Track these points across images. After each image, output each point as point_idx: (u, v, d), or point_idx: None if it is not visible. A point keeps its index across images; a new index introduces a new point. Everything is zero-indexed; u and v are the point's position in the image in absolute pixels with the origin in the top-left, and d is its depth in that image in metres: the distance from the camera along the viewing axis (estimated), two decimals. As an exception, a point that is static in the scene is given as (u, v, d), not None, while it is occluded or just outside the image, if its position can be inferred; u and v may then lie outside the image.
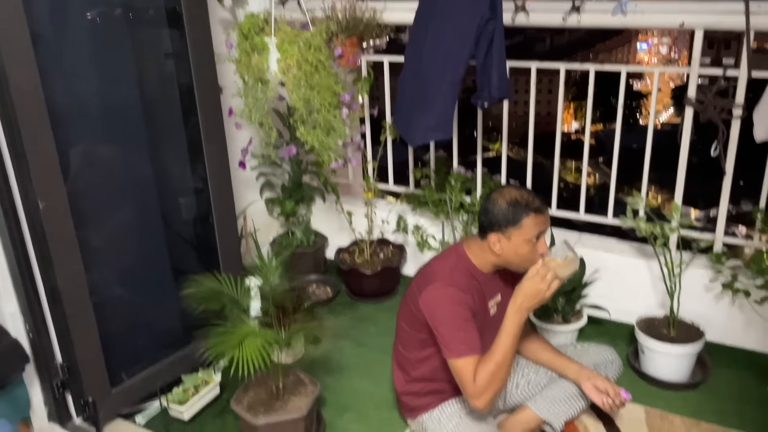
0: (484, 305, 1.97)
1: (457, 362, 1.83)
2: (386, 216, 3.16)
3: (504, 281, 2.04)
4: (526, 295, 1.81)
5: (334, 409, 2.39)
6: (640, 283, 2.70)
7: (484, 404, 1.83)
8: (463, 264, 1.95)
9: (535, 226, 1.83)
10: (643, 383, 2.45)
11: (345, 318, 3.02)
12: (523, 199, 1.84)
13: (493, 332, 1.96)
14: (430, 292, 1.89)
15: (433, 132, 2.68)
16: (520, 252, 1.85)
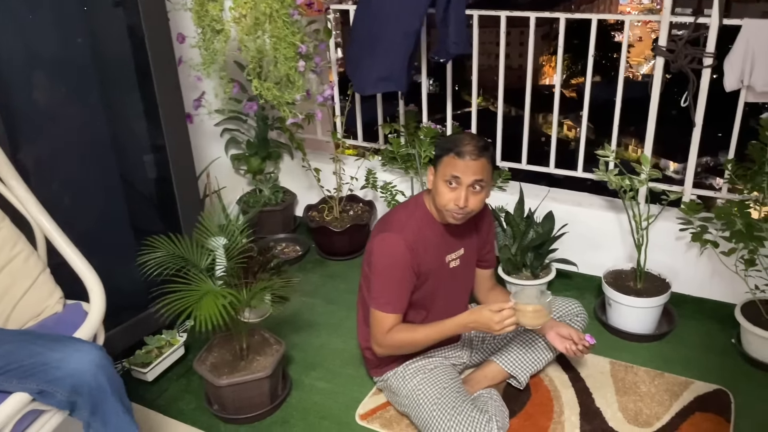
0: (440, 258, 1.94)
1: (377, 313, 1.89)
2: (355, 172, 3.10)
3: (468, 236, 2.01)
4: (477, 322, 1.80)
5: (302, 367, 2.37)
6: (609, 236, 2.69)
7: (381, 355, 1.96)
8: (419, 213, 1.92)
9: (449, 166, 1.80)
10: (609, 335, 2.46)
11: (315, 276, 2.98)
12: (454, 140, 1.84)
13: (453, 284, 1.95)
14: (377, 242, 1.88)
15: (385, 83, 2.63)
16: (437, 189, 1.85)
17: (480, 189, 1.82)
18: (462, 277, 2.03)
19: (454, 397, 1.89)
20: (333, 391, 2.23)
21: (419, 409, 1.91)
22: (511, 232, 2.60)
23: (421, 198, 1.97)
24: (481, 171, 1.80)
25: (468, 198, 1.80)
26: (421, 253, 1.88)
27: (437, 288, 1.95)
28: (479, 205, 1.84)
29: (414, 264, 1.87)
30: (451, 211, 1.83)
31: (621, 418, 2.04)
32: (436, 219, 1.93)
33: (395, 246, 1.85)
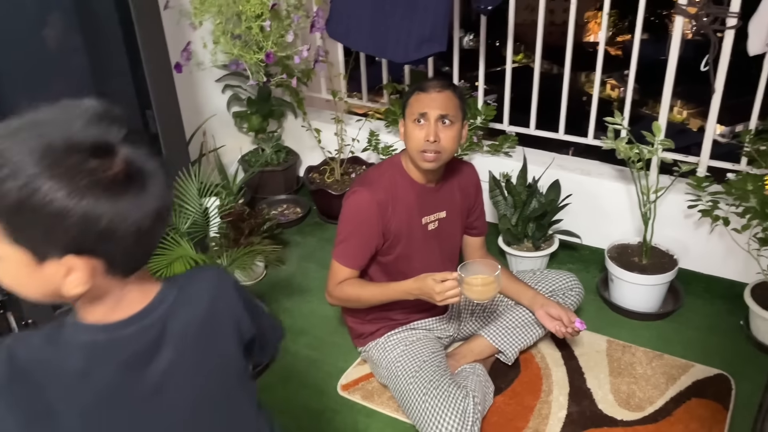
0: (413, 220, 1.88)
1: (333, 263, 1.88)
2: (357, 134, 2.99)
3: (450, 198, 1.92)
4: (420, 290, 1.73)
5: (290, 333, 2.33)
6: (618, 208, 2.55)
7: (330, 304, 1.96)
8: (393, 171, 1.86)
9: (415, 104, 1.77)
10: (609, 312, 2.35)
11: (313, 239, 2.92)
12: (420, 83, 1.81)
13: (431, 248, 1.90)
14: (347, 196, 1.85)
15: (429, 44, 2.41)
16: (407, 135, 1.79)
17: (450, 123, 1.75)
18: (443, 242, 1.94)
19: (432, 370, 1.82)
20: (318, 360, 2.19)
21: (397, 382, 1.86)
22: (512, 201, 2.48)
23: (398, 157, 1.90)
24: (447, 104, 1.75)
25: (438, 133, 1.73)
26: (391, 212, 1.82)
27: (412, 251, 1.88)
28: (451, 143, 1.77)
29: (381, 222, 1.82)
30: (422, 151, 1.76)
31: (611, 400, 1.95)
32: (413, 179, 1.85)
33: (362, 201, 1.81)
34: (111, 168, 0.71)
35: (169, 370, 0.82)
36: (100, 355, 0.79)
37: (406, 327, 1.97)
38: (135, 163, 0.73)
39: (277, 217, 3.01)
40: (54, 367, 0.77)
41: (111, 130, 0.73)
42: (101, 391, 0.79)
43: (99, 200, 0.70)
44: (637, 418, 1.89)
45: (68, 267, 0.73)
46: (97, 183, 0.70)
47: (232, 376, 0.93)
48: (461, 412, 1.71)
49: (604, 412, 1.91)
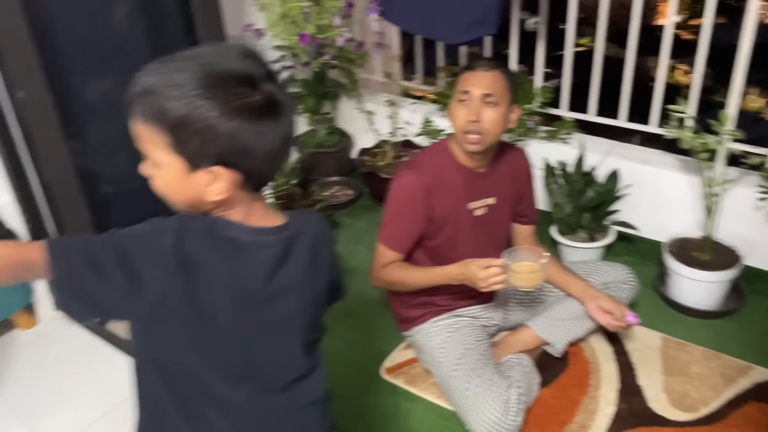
0: (460, 205, 1.84)
1: (379, 246, 1.86)
2: (410, 117, 2.96)
3: (500, 184, 1.87)
4: (464, 275, 1.68)
5: (337, 314, 2.33)
6: (680, 200, 2.44)
7: (374, 286, 1.94)
8: (442, 156, 1.83)
9: (463, 81, 1.73)
10: (666, 308, 2.26)
11: (362, 222, 2.92)
12: (471, 62, 1.79)
13: (477, 235, 1.86)
14: (395, 178, 1.83)
15: (479, 26, 2.37)
16: (452, 113, 1.76)
17: (494, 104, 1.70)
18: (490, 229, 1.90)
19: (476, 358, 1.80)
20: (363, 342, 2.20)
21: (440, 368, 1.84)
22: (567, 189, 2.41)
23: (446, 141, 1.87)
24: (494, 83, 1.70)
25: (480, 112, 1.69)
26: (438, 196, 1.79)
27: (458, 236, 1.85)
28: (494, 126, 1.71)
29: (427, 206, 1.79)
30: (465, 132, 1.72)
31: (664, 399, 1.88)
32: (461, 163, 1.81)
33: (408, 185, 1.79)
34: (255, 96, 0.85)
35: (290, 281, 0.97)
36: (243, 251, 0.91)
37: (451, 314, 1.95)
38: (273, 95, 0.87)
39: (329, 199, 3.03)
40: (206, 254, 0.89)
41: (256, 67, 0.87)
42: (237, 282, 0.92)
43: (244, 122, 0.84)
44: (689, 420, 1.81)
45: (214, 176, 0.86)
46: (244, 107, 0.84)
47: (319, 305, 1.07)
48: (504, 402, 1.68)
49: (654, 411, 1.85)
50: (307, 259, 0.99)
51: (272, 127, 0.87)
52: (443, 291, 1.89)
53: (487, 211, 1.88)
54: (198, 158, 0.86)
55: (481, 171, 1.85)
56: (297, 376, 1.07)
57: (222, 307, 0.91)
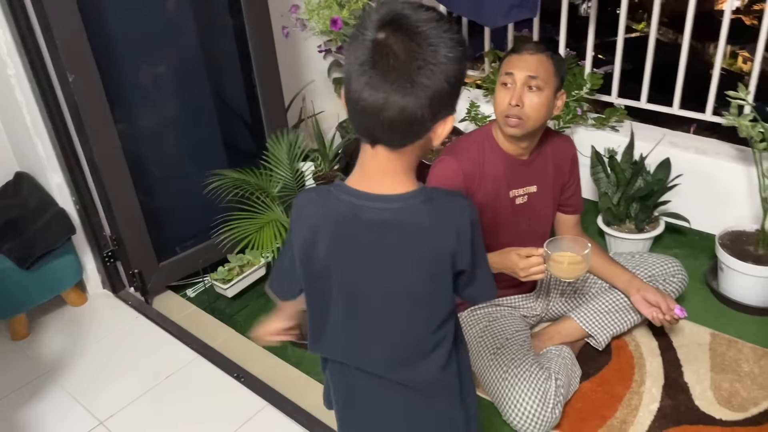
0: (501, 192, 1.80)
1: None
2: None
3: (542, 172, 1.83)
4: (503, 264, 1.64)
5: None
6: (734, 191, 2.34)
7: None
8: (484, 141, 1.79)
9: (507, 64, 1.69)
10: (717, 303, 2.17)
11: (404, 208, 2.91)
12: (517, 45, 1.73)
13: (519, 222, 1.83)
14: (435, 164, 1.79)
15: (518, 10, 2.34)
16: (495, 97, 1.72)
17: (537, 89, 1.65)
18: (532, 217, 1.85)
19: (515, 349, 1.77)
20: (401, 328, 2.19)
21: (478, 357, 1.82)
22: (615, 178, 2.34)
23: (489, 126, 1.82)
24: (538, 67, 1.65)
25: (522, 96, 1.65)
26: (478, 182, 1.76)
27: (498, 224, 1.81)
28: (537, 111, 1.67)
29: (467, 192, 1.75)
30: (505, 114, 1.68)
31: (711, 397, 1.82)
32: (503, 149, 1.77)
33: (448, 170, 1.75)
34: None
35: (388, 250, 0.97)
36: (348, 211, 0.96)
37: (491, 303, 1.93)
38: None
39: (371, 185, 3.03)
40: (321, 212, 0.99)
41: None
42: (341, 238, 0.98)
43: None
44: (738, 419, 1.74)
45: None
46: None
47: (426, 292, 1.02)
48: (542, 393, 1.65)
49: (701, 409, 1.78)
50: (414, 236, 0.97)
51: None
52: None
53: (527, 199, 1.84)
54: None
55: (523, 158, 1.81)
56: None
57: (325, 258, 1.03)
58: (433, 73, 0.85)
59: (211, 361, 2.02)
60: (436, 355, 1.06)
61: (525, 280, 1.64)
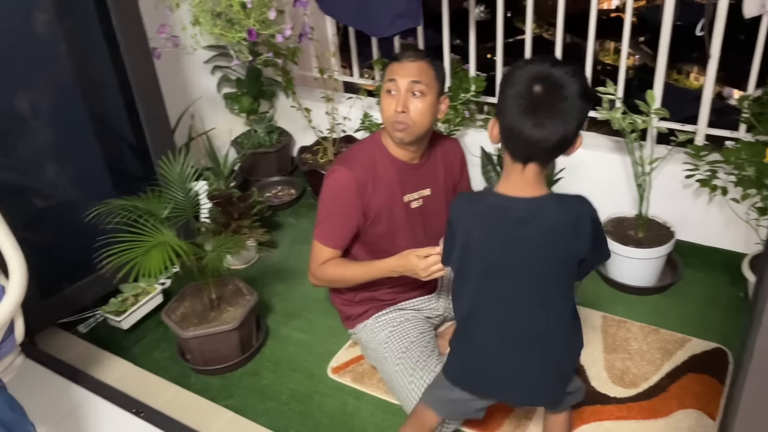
0: (395, 198, 1.83)
1: (315, 244, 1.85)
2: (348, 112, 2.93)
3: (435, 175, 1.87)
4: (404, 267, 1.69)
5: (281, 316, 2.31)
6: (613, 180, 2.49)
7: (314, 285, 1.93)
8: (374, 149, 1.82)
9: (389, 72, 1.72)
10: (606, 287, 2.30)
11: (307, 221, 2.89)
12: (398, 53, 1.76)
13: (415, 227, 1.86)
14: (328, 174, 1.81)
15: (403, 20, 2.40)
16: (381, 105, 1.75)
17: (421, 95, 1.69)
18: (428, 220, 1.89)
19: (420, 351, 1.79)
20: (309, 343, 2.17)
21: (385, 363, 1.83)
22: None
23: (378, 134, 1.85)
24: (420, 73, 1.69)
25: (407, 103, 1.68)
26: (371, 190, 1.78)
27: (395, 230, 1.84)
28: (422, 116, 1.70)
29: (361, 201, 1.77)
30: (392, 121, 1.71)
31: (605, 377, 1.92)
32: (394, 156, 1.80)
33: (340, 180, 1.77)
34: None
35: (527, 241, 1.31)
36: (496, 211, 1.32)
37: (395, 308, 1.94)
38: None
39: (271, 199, 2.98)
40: (474, 210, 1.36)
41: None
42: (490, 230, 1.34)
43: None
44: (631, 395, 1.85)
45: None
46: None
47: (561, 275, 1.36)
48: (448, 394, 1.68)
49: (597, 390, 1.87)
50: (551, 230, 1.30)
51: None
52: (385, 285, 1.88)
53: (422, 203, 1.87)
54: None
55: (414, 163, 1.84)
56: None
57: (479, 245, 1.39)
58: (574, 107, 1.21)
59: (107, 399, 1.91)
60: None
61: (426, 280, 1.67)
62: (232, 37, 2.40)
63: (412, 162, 1.83)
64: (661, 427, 1.75)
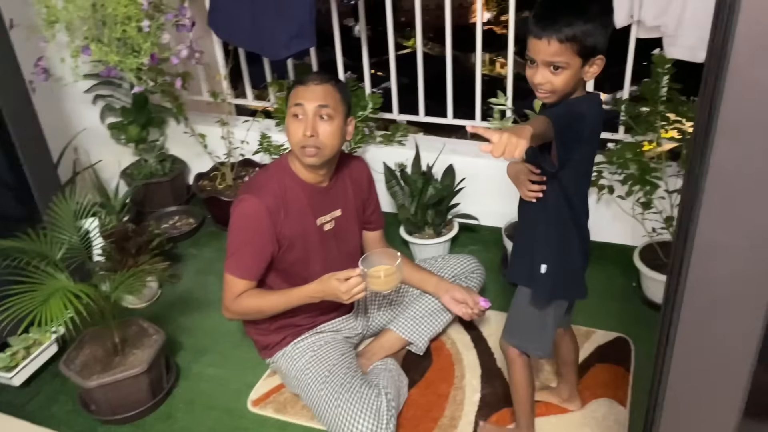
0: (308, 222, 1.81)
1: (227, 277, 1.78)
2: (245, 136, 2.87)
3: (343, 195, 1.87)
4: (324, 292, 1.69)
5: (191, 353, 2.20)
6: (511, 186, 2.57)
7: (229, 319, 1.90)
8: (282, 175, 1.78)
9: (295, 96, 1.71)
10: (513, 289, 2.38)
11: (209, 250, 2.78)
12: (301, 76, 1.75)
13: (330, 249, 1.84)
14: (235, 204, 1.76)
15: (298, 41, 2.39)
16: (288, 129, 1.73)
17: (328, 118, 1.69)
18: (341, 241, 1.89)
19: (343, 373, 1.77)
20: (224, 377, 2.08)
21: (308, 389, 1.79)
22: (409, 190, 2.47)
23: (285, 159, 1.82)
24: (326, 97, 1.69)
25: (315, 126, 1.67)
26: (283, 216, 1.75)
27: (311, 254, 1.82)
28: (331, 139, 1.71)
29: (274, 229, 1.74)
30: (301, 146, 1.69)
31: (522, 376, 1.98)
32: (303, 180, 1.78)
33: (250, 209, 1.72)
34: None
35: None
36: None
37: (313, 332, 1.91)
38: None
39: (169, 231, 2.85)
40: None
41: None
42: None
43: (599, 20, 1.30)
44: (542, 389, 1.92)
45: (597, 62, 1.33)
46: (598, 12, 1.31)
47: None
48: (375, 412, 1.67)
49: (516, 390, 1.93)
50: None
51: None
52: (302, 310, 1.84)
53: (335, 224, 1.86)
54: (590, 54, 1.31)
55: (323, 185, 1.82)
56: None
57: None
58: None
59: (3, 466, 1.73)
60: None
61: (349, 302, 1.66)
62: (130, 63, 2.27)
63: (321, 185, 1.82)
64: (578, 418, 1.83)
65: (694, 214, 0.62)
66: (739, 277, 0.64)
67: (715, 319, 0.67)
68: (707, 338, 0.71)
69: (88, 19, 2.10)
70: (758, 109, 0.55)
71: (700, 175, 0.60)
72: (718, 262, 0.64)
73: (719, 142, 0.58)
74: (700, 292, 0.67)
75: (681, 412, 0.85)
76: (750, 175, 0.58)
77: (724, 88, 0.56)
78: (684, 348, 0.72)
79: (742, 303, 0.65)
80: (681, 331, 0.71)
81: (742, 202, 0.60)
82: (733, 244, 0.62)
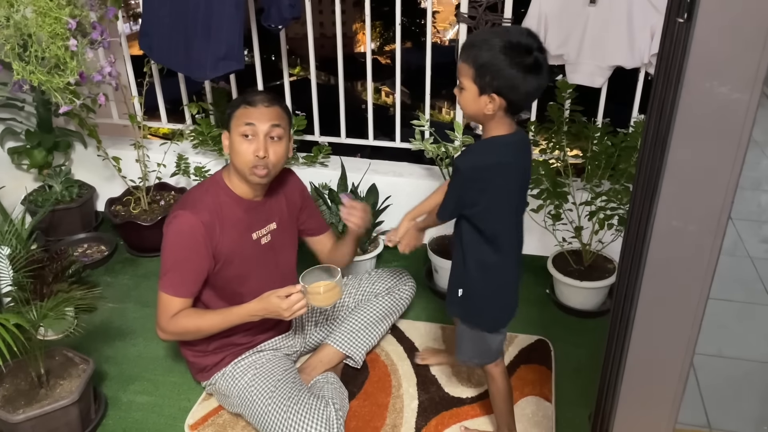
0: (244, 237, 1.82)
1: (162, 296, 1.76)
2: (162, 158, 2.81)
3: (277, 208, 1.91)
4: (266, 310, 1.70)
5: (118, 382, 2.12)
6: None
7: (164, 339, 1.87)
8: (216, 190, 1.79)
9: (242, 117, 1.72)
10: (438, 300, 2.50)
11: (125, 277, 2.68)
12: (243, 95, 1.78)
13: (268, 263, 1.86)
14: (170, 220, 1.74)
15: (226, 62, 2.40)
16: (234, 149, 1.74)
17: (279, 139, 1.73)
18: (279, 254, 1.91)
19: (289, 387, 1.78)
20: (156, 404, 2.02)
21: (254, 407, 1.78)
22: (336, 209, 2.53)
23: (219, 175, 1.83)
24: (277, 117, 1.73)
25: (267, 147, 1.71)
26: (219, 232, 1.75)
27: (248, 270, 1.83)
28: (280, 158, 1.75)
29: (210, 245, 1.74)
30: (252, 166, 1.71)
31: (456, 381, 2.08)
32: (239, 195, 1.80)
33: (186, 225, 1.71)
34: (530, 59, 1.38)
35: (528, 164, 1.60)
36: (511, 145, 1.51)
37: (253, 350, 1.90)
38: (539, 59, 1.39)
39: (79, 258, 2.72)
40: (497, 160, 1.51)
41: (532, 42, 1.39)
42: (509, 163, 1.51)
43: (518, 72, 1.38)
44: (479, 393, 2.03)
45: (491, 99, 1.42)
46: (522, 64, 1.38)
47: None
48: (326, 421, 1.70)
49: (451, 395, 2.03)
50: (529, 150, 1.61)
51: (535, 78, 1.39)
52: (240, 328, 1.84)
53: (271, 237, 1.88)
54: (485, 88, 1.40)
55: (258, 200, 1.85)
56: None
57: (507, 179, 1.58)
58: None
59: None
60: None
61: (290, 319, 1.68)
62: (57, 82, 2.17)
63: (255, 199, 1.84)
64: (510, 416, 1.95)
65: (653, 204, 0.75)
66: (690, 255, 0.77)
67: (671, 293, 0.80)
68: (665, 309, 0.83)
69: (10, 38, 2.00)
70: (708, 114, 0.68)
71: (659, 171, 0.73)
72: (674, 243, 0.76)
73: (676, 143, 0.70)
74: (659, 270, 0.79)
75: (641, 381, 0.97)
76: (701, 169, 0.71)
77: (679, 98, 0.68)
78: (644, 319, 0.84)
79: (692, 278, 0.78)
80: (641, 306, 0.83)
81: (694, 193, 0.73)
82: (687, 229, 0.74)
